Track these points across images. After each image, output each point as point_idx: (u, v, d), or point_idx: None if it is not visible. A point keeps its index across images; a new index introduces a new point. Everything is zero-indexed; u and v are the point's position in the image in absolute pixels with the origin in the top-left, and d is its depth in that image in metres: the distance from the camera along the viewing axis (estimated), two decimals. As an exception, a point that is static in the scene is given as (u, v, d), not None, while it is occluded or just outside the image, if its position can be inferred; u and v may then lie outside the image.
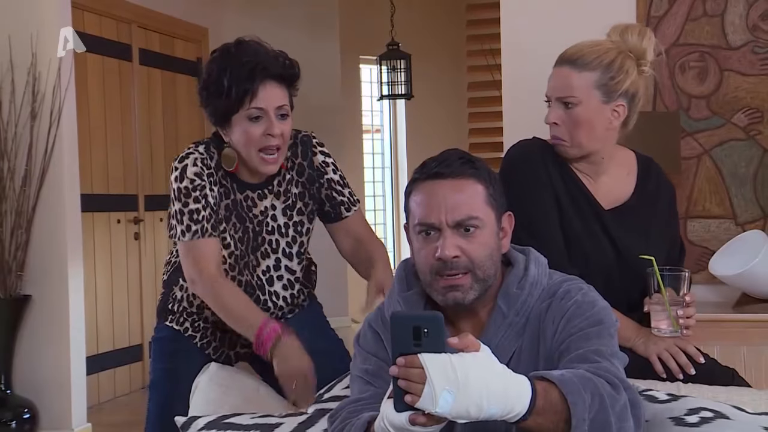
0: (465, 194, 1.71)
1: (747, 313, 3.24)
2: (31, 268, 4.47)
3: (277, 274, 2.44)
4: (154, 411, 2.48)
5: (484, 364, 1.45)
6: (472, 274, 1.71)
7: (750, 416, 1.81)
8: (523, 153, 2.31)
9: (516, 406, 1.46)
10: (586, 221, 2.23)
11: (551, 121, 2.23)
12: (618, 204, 2.28)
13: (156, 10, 5.99)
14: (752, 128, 3.50)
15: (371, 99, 8.59)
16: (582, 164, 2.28)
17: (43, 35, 4.44)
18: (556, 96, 2.22)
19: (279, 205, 2.42)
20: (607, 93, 2.19)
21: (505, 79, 3.70)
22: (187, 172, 2.33)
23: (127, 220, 5.77)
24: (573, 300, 1.72)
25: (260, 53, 2.30)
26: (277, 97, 2.29)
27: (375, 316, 1.87)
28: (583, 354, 1.63)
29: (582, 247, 2.21)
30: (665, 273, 2.12)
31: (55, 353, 4.49)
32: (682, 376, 2.10)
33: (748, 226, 3.49)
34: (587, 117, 2.19)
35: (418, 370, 1.42)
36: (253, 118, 2.28)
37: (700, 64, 3.54)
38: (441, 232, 1.71)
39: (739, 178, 3.52)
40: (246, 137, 2.29)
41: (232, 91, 2.26)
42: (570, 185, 2.26)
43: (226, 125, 2.33)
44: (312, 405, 2.11)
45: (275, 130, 2.28)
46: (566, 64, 2.21)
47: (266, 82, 2.28)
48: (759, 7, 3.48)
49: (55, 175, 4.47)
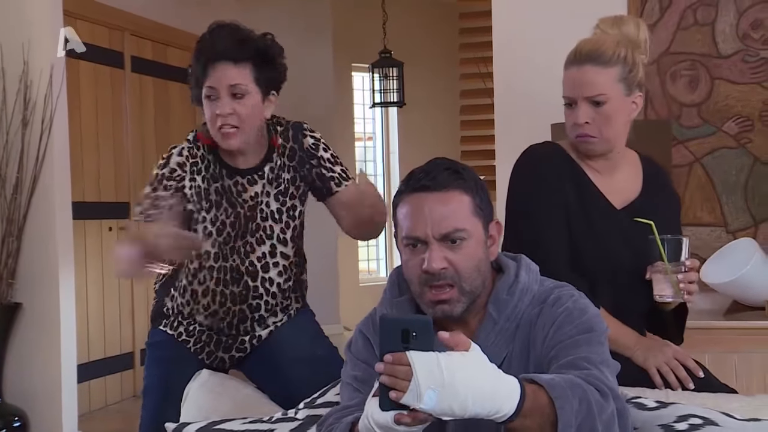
0: (450, 206, 1.72)
1: (738, 320, 3.25)
2: (23, 276, 4.45)
3: (273, 260, 2.45)
4: (147, 417, 2.48)
5: (472, 363, 1.45)
6: (459, 287, 1.72)
7: (739, 422, 1.82)
8: (532, 162, 2.28)
9: (503, 407, 1.46)
10: (599, 222, 2.23)
11: (582, 121, 2.19)
12: (628, 203, 2.28)
13: (148, 17, 5.99)
14: (743, 136, 3.52)
15: (363, 107, 8.60)
16: (599, 162, 2.27)
17: (34, 43, 4.44)
18: (585, 95, 2.18)
19: (272, 191, 2.44)
20: (628, 86, 2.20)
21: (497, 87, 3.71)
22: (170, 161, 2.41)
23: (119, 227, 5.75)
24: (564, 306, 1.73)
25: (222, 34, 2.38)
26: (229, 77, 2.34)
27: (366, 323, 1.88)
28: (572, 361, 1.63)
29: (594, 247, 2.21)
30: (665, 239, 2.14)
31: (46, 361, 4.48)
32: (681, 390, 2.10)
33: (739, 233, 3.51)
34: (616, 112, 2.19)
35: (405, 367, 1.42)
36: (207, 97, 2.36)
37: (691, 73, 3.55)
38: (428, 245, 1.72)
39: (730, 186, 3.53)
40: (207, 117, 2.38)
41: (195, 73, 2.38)
42: (582, 187, 2.24)
43: (200, 105, 2.41)
44: (304, 410, 2.10)
45: (224, 109, 2.33)
46: (588, 63, 2.18)
47: (217, 63, 2.34)
48: (749, 15, 3.50)
49: (47, 182, 4.46)
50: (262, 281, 2.45)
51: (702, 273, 3.32)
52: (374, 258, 8.66)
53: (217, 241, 2.41)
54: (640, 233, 2.17)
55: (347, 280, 7.74)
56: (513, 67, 3.62)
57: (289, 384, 2.40)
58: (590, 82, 2.17)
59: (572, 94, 2.20)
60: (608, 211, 2.24)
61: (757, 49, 3.51)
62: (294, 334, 2.51)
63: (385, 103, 7.46)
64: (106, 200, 5.67)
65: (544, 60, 2.37)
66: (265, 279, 2.45)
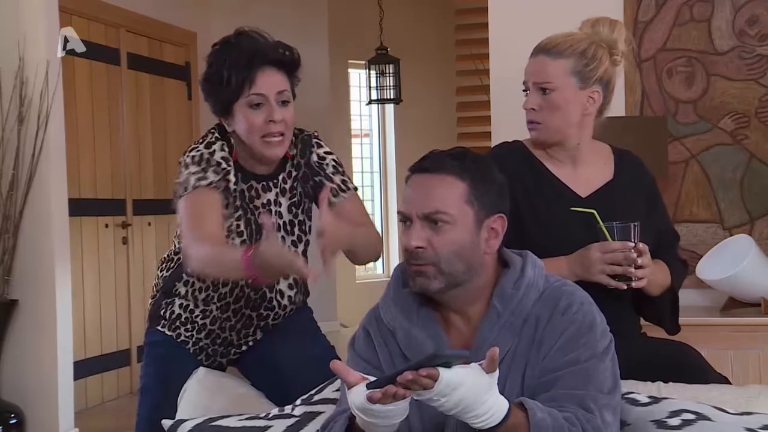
0: (440, 189, 1.76)
1: (734, 317, 3.26)
2: (19, 272, 4.45)
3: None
4: (144, 415, 2.47)
5: (478, 383, 1.54)
6: (435, 266, 1.75)
7: (732, 417, 1.82)
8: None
9: (485, 416, 1.56)
10: (560, 210, 2.27)
11: (529, 107, 2.30)
12: (593, 191, 2.32)
13: (144, 14, 5.98)
14: (739, 133, 3.52)
15: (360, 103, 8.60)
16: (559, 153, 2.33)
17: (30, 39, 4.43)
18: (533, 81, 2.29)
19: (284, 202, 2.41)
20: (583, 79, 2.27)
21: (493, 83, 3.71)
22: (215, 155, 2.32)
23: (115, 224, 5.75)
24: (574, 317, 1.76)
25: (259, 42, 2.32)
26: (277, 83, 2.30)
27: (368, 318, 1.90)
28: (581, 397, 1.68)
29: (557, 236, 2.24)
30: (615, 225, 2.17)
31: (43, 358, 4.47)
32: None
33: (735, 230, 3.51)
34: (564, 102, 2.27)
35: (431, 381, 1.50)
36: (253, 105, 2.28)
37: (687, 69, 3.56)
38: (412, 223, 1.77)
39: (726, 183, 3.54)
40: (248, 125, 2.29)
41: (232, 79, 2.27)
42: (540, 178, 2.31)
43: (228, 115, 2.33)
44: (300, 407, 2.10)
45: (276, 115, 2.28)
46: (541, 53, 2.30)
47: (265, 68, 2.29)
48: (745, 12, 3.50)
49: (43, 179, 4.45)
50: (276, 293, 2.45)
51: (698, 270, 3.33)
52: (371, 255, 8.68)
53: (245, 243, 2.37)
54: (605, 219, 2.20)
55: (344, 277, 7.73)
56: (509, 63, 3.62)
57: (285, 382, 2.40)
58: (540, 71, 2.29)
59: (525, 80, 2.32)
60: (571, 199, 2.29)
61: (754, 45, 3.51)
62: (291, 331, 2.50)
63: (382, 99, 7.47)
64: (103, 197, 5.66)
65: (540, 57, 2.41)
66: (277, 290, 2.45)
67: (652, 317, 2.41)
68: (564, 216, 2.25)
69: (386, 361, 1.82)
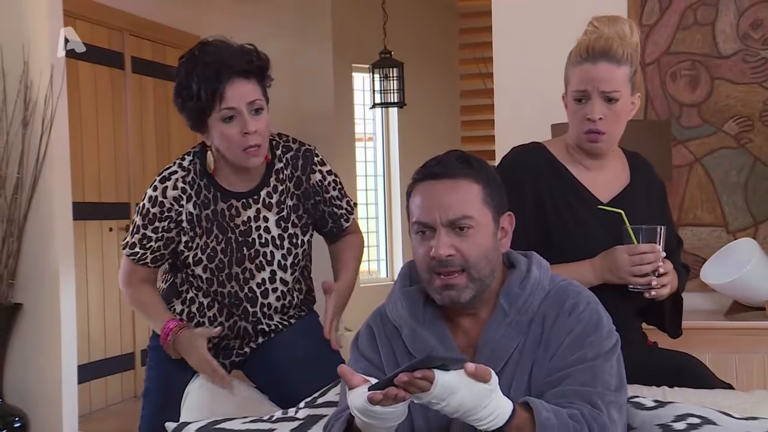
0: (459, 194, 1.75)
1: (739, 320, 3.25)
2: (23, 276, 4.45)
3: (272, 286, 2.42)
4: (147, 418, 2.48)
5: (476, 388, 1.54)
6: (467, 273, 1.74)
7: (737, 421, 1.82)
8: (508, 165, 2.33)
9: (488, 419, 1.56)
10: (583, 215, 2.25)
11: (597, 117, 2.19)
12: (614, 196, 2.30)
13: (148, 18, 5.99)
14: (743, 136, 3.52)
15: (364, 107, 8.59)
16: (587, 159, 2.29)
17: (34, 43, 4.43)
18: (602, 90, 2.18)
19: (272, 217, 2.39)
20: (633, 86, 2.23)
21: (497, 87, 3.71)
22: (166, 195, 2.33)
23: (119, 228, 5.75)
24: (580, 316, 1.76)
25: (223, 51, 2.27)
26: (247, 94, 2.26)
27: (374, 316, 1.91)
28: (589, 394, 1.68)
29: (578, 240, 2.22)
30: (641, 228, 2.14)
31: (47, 362, 4.47)
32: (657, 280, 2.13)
33: (739, 234, 3.51)
34: (624, 110, 2.22)
35: (427, 383, 1.50)
36: (226, 119, 2.26)
37: (691, 73, 3.55)
38: (436, 231, 1.74)
39: (730, 186, 3.53)
40: (224, 139, 2.27)
41: (201, 94, 2.25)
42: (563, 182, 2.27)
43: (203, 129, 2.31)
44: (304, 409, 2.10)
45: (250, 127, 2.24)
46: (602, 59, 2.18)
47: (233, 80, 2.24)
48: (749, 15, 3.50)
49: (47, 183, 4.45)
50: (261, 306, 2.43)
51: (702, 273, 3.32)
52: (375, 259, 8.64)
53: (209, 268, 2.37)
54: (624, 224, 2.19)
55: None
56: (513, 67, 3.62)
57: (289, 385, 2.40)
58: (607, 78, 2.18)
59: (587, 88, 2.19)
60: (593, 204, 2.26)
61: (758, 49, 3.50)
62: (295, 335, 2.50)
63: (386, 103, 7.46)
64: (107, 200, 5.67)
65: (544, 60, 2.37)
66: (263, 304, 2.43)
67: (654, 320, 2.40)
68: (586, 220, 2.24)
69: (388, 360, 1.83)
